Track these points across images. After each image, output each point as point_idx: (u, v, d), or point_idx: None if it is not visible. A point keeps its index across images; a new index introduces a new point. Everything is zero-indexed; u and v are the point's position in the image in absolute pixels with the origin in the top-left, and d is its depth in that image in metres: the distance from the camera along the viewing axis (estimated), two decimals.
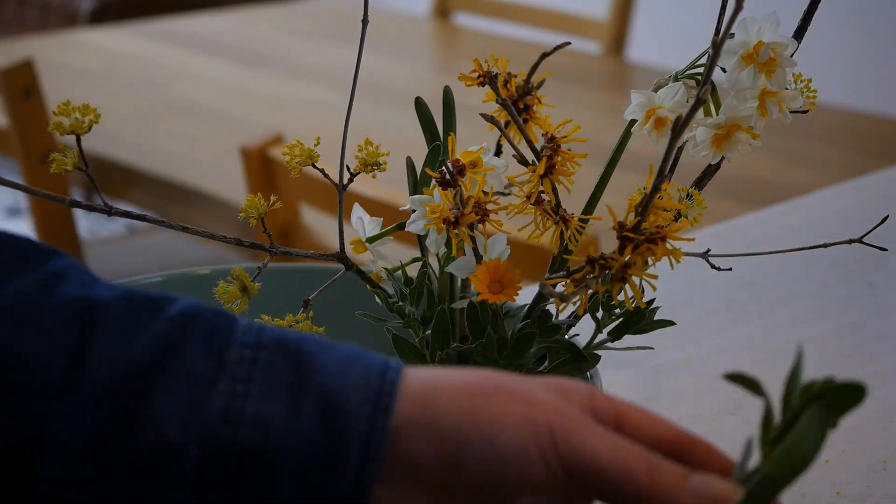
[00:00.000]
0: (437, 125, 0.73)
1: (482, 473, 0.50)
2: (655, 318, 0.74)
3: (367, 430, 0.50)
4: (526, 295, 0.73)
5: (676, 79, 0.71)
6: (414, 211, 0.69)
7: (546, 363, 0.72)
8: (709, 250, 0.77)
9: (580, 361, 0.72)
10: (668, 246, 0.64)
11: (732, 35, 0.68)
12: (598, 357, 0.73)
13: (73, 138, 0.66)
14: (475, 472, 0.50)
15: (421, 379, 0.51)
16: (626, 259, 0.64)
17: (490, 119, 0.69)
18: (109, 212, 0.68)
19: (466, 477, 0.50)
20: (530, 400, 0.50)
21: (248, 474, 0.49)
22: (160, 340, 0.51)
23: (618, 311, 0.73)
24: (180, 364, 0.50)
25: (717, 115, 0.71)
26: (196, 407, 0.49)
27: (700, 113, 0.70)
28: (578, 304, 0.68)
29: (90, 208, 0.68)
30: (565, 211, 0.69)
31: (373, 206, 0.92)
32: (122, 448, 0.49)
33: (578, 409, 0.52)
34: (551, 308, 0.71)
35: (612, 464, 0.50)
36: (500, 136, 0.71)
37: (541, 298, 0.70)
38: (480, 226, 0.68)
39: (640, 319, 0.73)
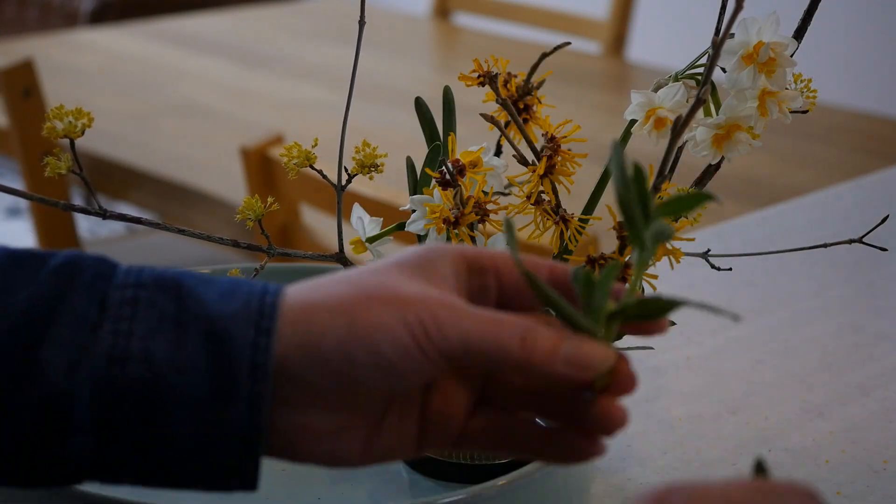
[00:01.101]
0: (437, 125, 0.73)
1: (373, 381, 0.52)
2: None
3: (252, 353, 0.51)
4: None
5: (676, 79, 0.71)
6: (414, 211, 0.69)
7: None
8: (709, 250, 0.77)
9: None
10: (668, 246, 0.64)
11: (732, 35, 0.68)
12: None
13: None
14: (366, 382, 0.52)
15: (299, 301, 0.52)
16: (626, 259, 0.64)
17: (490, 119, 0.69)
18: (104, 215, 0.68)
19: (359, 388, 0.52)
20: (400, 301, 0.51)
21: (142, 410, 0.50)
22: (43, 292, 0.52)
23: None
24: (64, 312, 0.51)
25: (717, 115, 0.71)
26: (82, 351, 0.50)
27: (700, 113, 0.70)
28: None
29: (85, 212, 0.68)
30: (565, 211, 0.69)
31: (373, 206, 0.92)
32: (17, 402, 0.50)
33: (448, 288, 0.53)
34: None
35: (483, 341, 0.51)
36: (500, 136, 0.71)
37: None
38: (480, 226, 0.68)
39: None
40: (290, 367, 0.51)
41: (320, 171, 0.73)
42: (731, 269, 0.82)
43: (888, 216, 0.83)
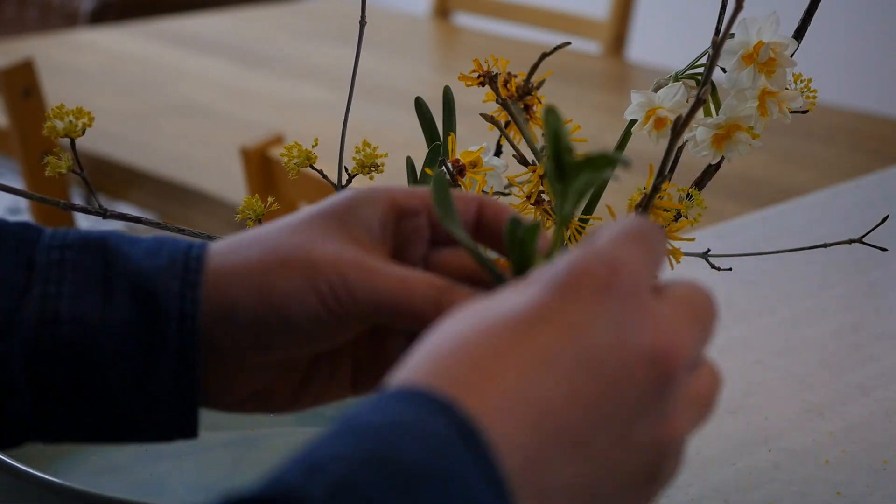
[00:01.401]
0: (437, 125, 0.73)
1: (289, 347, 0.52)
2: None
3: (180, 305, 0.51)
4: None
5: (676, 79, 0.71)
6: None
7: None
8: (709, 250, 0.77)
9: None
10: (668, 246, 0.64)
11: (732, 35, 0.68)
12: None
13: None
14: (282, 347, 0.52)
15: (217, 265, 0.53)
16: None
17: (490, 119, 0.69)
18: (104, 214, 0.68)
19: (276, 351, 0.53)
20: (311, 265, 0.51)
21: (75, 369, 0.51)
22: None
23: None
24: None
25: (717, 115, 0.71)
26: (12, 315, 0.51)
27: (700, 113, 0.70)
28: None
29: (85, 211, 0.68)
30: None
31: None
32: None
33: (370, 239, 0.53)
34: None
35: (396, 303, 0.51)
36: (500, 136, 0.71)
37: None
38: None
39: None
40: (208, 336, 0.52)
41: (320, 171, 0.73)
42: (731, 269, 0.82)
43: (888, 216, 0.83)
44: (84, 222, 3.39)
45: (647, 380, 0.43)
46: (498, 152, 0.72)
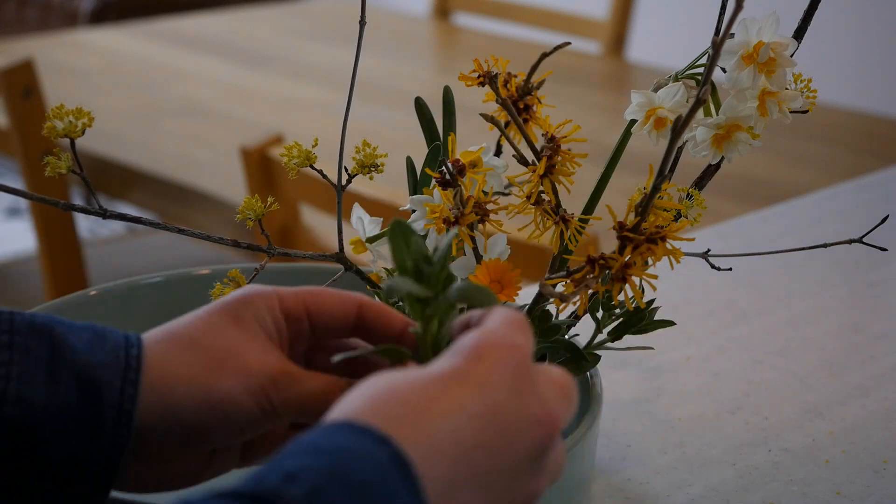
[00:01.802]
0: (437, 125, 0.73)
1: (223, 440, 0.59)
2: (655, 317, 0.74)
3: (119, 400, 0.56)
4: (526, 295, 0.73)
5: (676, 79, 0.71)
6: (414, 211, 0.69)
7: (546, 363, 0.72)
8: (709, 250, 0.77)
9: (580, 361, 0.72)
10: (668, 246, 0.64)
11: (732, 35, 0.68)
12: (598, 357, 0.73)
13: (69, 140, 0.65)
14: (216, 441, 0.59)
15: (158, 366, 0.58)
16: (626, 259, 0.64)
17: (490, 119, 0.69)
18: (104, 215, 0.68)
19: (209, 446, 0.59)
20: (245, 370, 0.58)
21: (19, 448, 0.55)
22: None
23: (618, 311, 0.73)
24: None
25: (717, 115, 0.70)
26: None
27: (700, 113, 0.70)
28: (578, 304, 0.68)
29: (85, 211, 0.68)
30: (565, 211, 0.69)
31: (373, 206, 0.92)
32: None
33: (276, 342, 0.60)
34: (551, 308, 0.71)
35: (318, 403, 0.58)
36: (500, 136, 0.71)
37: (541, 298, 0.70)
38: (480, 226, 0.68)
39: (640, 319, 0.73)
40: (147, 432, 0.57)
41: (320, 171, 0.73)
42: (731, 269, 0.82)
43: (888, 216, 0.83)
44: (84, 222, 3.39)
45: (535, 440, 0.53)
46: (498, 152, 0.72)
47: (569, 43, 0.71)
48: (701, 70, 0.70)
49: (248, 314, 0.60)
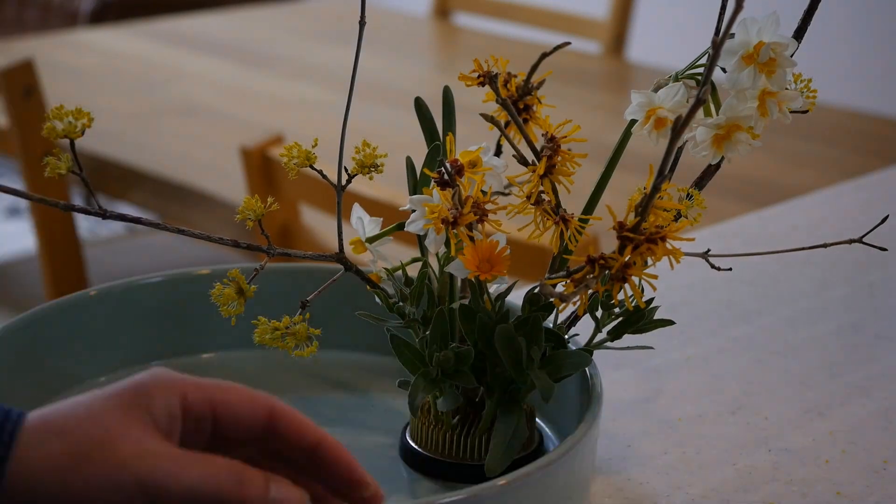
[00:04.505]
0: (436, 125, 0.73)
1: None
2: (655, 317, 0.74)
3: None
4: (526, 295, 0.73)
5: (676, 79, 0.71)
6: (413, 211, 0.69)
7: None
8: (709, 250, 0.77)
9: (580, 359, 0.72)
10: (668, 246, 0.64)
11: (732, 35, 0.68)
12: (591, 350, 0.73)
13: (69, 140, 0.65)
14: None
15: (23, 451, 0.54)
16: (626, 259, 0.64)
17: (490, 119, 0.69)
18: (104, 215, 0.68)
19: None
20: (117, 464, 0.54)
21: None
22: None
23: (617, 310, 0.73)
24: None
25: (717, 115, 0.70)
26: None
27: (700, 113, 0.70)
28: (578, 304, 0.68)
29: (85, 212, 0.68)
30: (565, 211, 0.69)
31: (372, 206, 0.92)
32: None
33: (165, 430, 0.56)
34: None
35: (203, 489, 0.55)
36: (500, 136, 0.71)
37: (539, 297, 0.70)
38: (480, 226, 0.68)
39: (640, 319, 0.73)
40: None
41: (320, 171, 0.73)
42: (731, 269, 0.82)
43: (888, 216, 0.83)
44: (84, 223, 3.39)
45: None
46: (498, 152, 0.72)
47: (569, 43, 0.71)
48: (701, 70, 0.70)
49: (138, 402, 0.56)
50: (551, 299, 0.68)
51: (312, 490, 0.60)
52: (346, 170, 0.72)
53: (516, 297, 0.75)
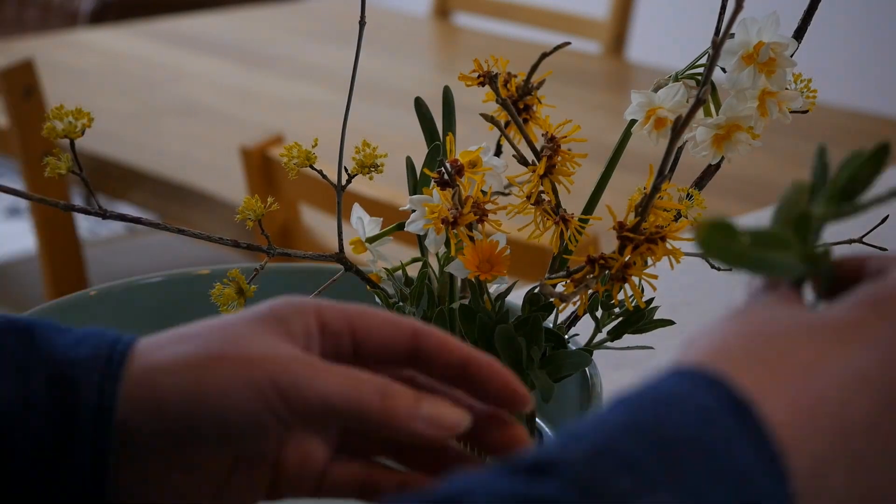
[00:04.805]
0: (436, 125, 0.73)
1: (219, 448, 0.50)
2: (655, 317, 0.74)
3: (98, 398, 0.50)
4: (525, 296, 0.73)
5: (676, 79, 0.71)
6: (413, 211, 0.69)
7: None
8: None
9: (580, 359, 0.72)
10: (668, 246, 0.64)
11: (732, 35, 0.68)
12: (591, 350, 0.73)
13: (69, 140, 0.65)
14: (211, 446, 0.50)
15: (146, 359, 0.51)
16: (626, 259, 0.64)
17: (490, 119, 0.69)
18: (104, 215, 0.68)
19: (203, 451, 0.50)
20: (251, 361, 0.50)
21: None
22: None
23: (617, 310, 0.73)
24: None
25: (717, 115, 0.70)
26: None
27: (700, 113, 0.70)
28: (578, 304, 0.68)
29: (85, 212, 0.68)
30: (565, 211, 0.69)
31: (372, 206, 0.92)
32: None
33: (302, 346, 0.52)
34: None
35: (343, 399, 0.50)
36: (500, 136, 0.71)
37: (539, 296, 0.70)
38: (480, 226, 0.68)
39: (640, 319, 0.73)
40: (132, 430, 0.50)
41: (320, 171, 0.73)
42: (731, 269, 0.81)
43: (888, 216, 0.83)
44: (84, 222, 3.39)
45: None
46: (498, 152, 0.72)
47: (569, 43, 0.71)
48: (701, 70, 0.70)
49: (274, 317, 0.52)
50: (551, 299, 0.68)
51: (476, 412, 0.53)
52: (346, 170, 0.72)
53: (516, 297, 0.75)
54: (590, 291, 0.65)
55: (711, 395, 0.40)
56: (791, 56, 0.68)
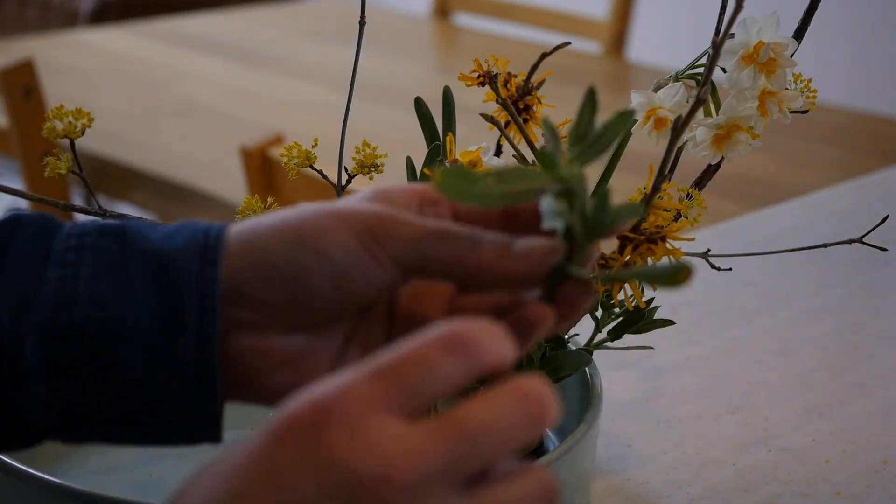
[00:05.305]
0: (436, 125, 0.73)
1: (327, 291, 0.51)
2: (655, 317, 0.74)
3: (200, 284, 0.50)
4: None
5: (676, 79, 0.71)
6: None
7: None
8: (709, 250, 0.77)
9: (580, 359, 0.72)
10: (668, 246, 0.64)
11: (732, 35, 0.68)
12: (591, 350, 0.73)
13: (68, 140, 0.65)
14: (320, 293, 0.51)
15: (246, 226, 0.52)
16: (626, 259, 0.64)
17: (490, 119, 0.69)
18: (104, 215, 0.68)
19: (314, 300, 0.51)
20: (347, 213, 0.51)
21: (92, 353, 0.50)
22: None
23: (617, 310, 0.73)
24: (7, 262, 0.51)
25: (717, 115, 0.70)
26: (27, 297, 0.50)
27: (700, 113, 0.70)
28: None
29: (85, 211, 0.68)
30: None
31: None
32: None
33: (401, 209, 0.53)
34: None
35: (433, 243, 0.51)
36: (500, 136, 0.71)
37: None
38: None
39: (640, 319, 0.73)
40: (242, 286, 0.51)
41: (320, 171, 0.73)
42: (731, 269, 0.82)
43: (888, 216, 0.83)
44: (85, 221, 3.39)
45: None
46: (498, 152, 0.72)
47: (569, 43, 0.71)
48: (701, 70, 0.70)
49: (373, 194, 0.53)
50: None
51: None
52: (346, 170, 0.72)
53: None
54: None
55: None
56: (791, 56, 0.68)
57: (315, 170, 0.72)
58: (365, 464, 0.41)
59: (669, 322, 0.74)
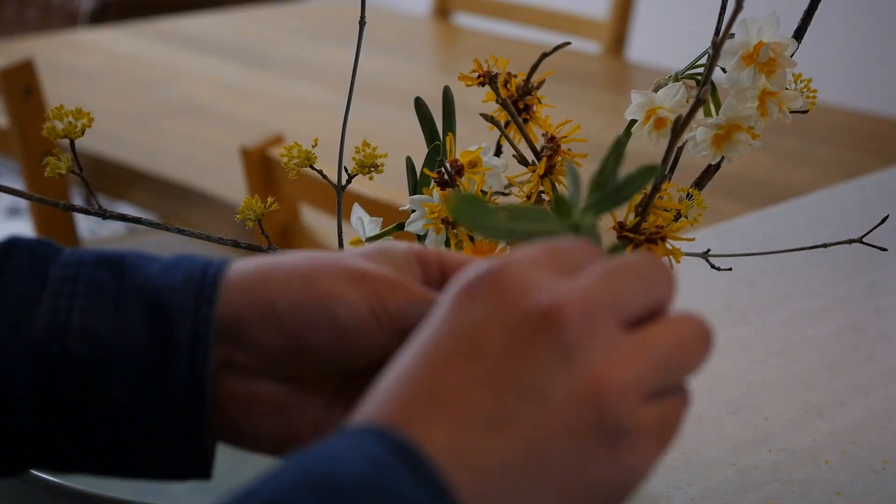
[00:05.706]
0: (436, 125, 0.73)
1: (326, 347, 0.51)
2: None
3: (194, 323, 0.50)
4: None
5: (676, 79, 0.71)
6: (413, 211, 0.69)
7: None
8: (709, 250, 0.77)
9: None
10: (668, 246, 0.64)
11: (732, 35, 0.68)
12: None
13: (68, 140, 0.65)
14: (319, 347, 0.51)
15: (250, 268, 0.52)
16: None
17: (490, 119, 0.69)
18: (104, 215, 0.68)
19: (312, 353, 0.51)
20: (358, 273, 0.51)
21: (82, 386, 0.49)
22: None
23: None
24: (1, 288, 0.51)
25: (717, 115, 0.70)
26: (20, 326, 0.50)
27: (700, 113, 0.70)
28: None
29: (85, 212, 0.68)
30: None
31: (373, 206, 0.92)
32: None
33: (404, 271, 0.53)
34: None
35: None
36: (500, 136, 0.71)
37: None
38: None
39: None
40: (240, 327, 0.51)
41: (320, 171, 0.73)
42: (731, 269, 0.82)
43: (888, 216, 0.83)
44: (84, 222, 3.39)
45: (539, 337, 0.44)
46: (498, 152, 0.72)
47: (569, 43, 0.71)
48: (701, 70, 0.70)
49: (370, 247, 0.54)
50: None
51: None
52: (346, 170, 0.72)
53: None
54: None
55: (379, 445, 0.42)
56: (791, 56, 0.68)
57: (315, 170, 0.72)
58: (541, 297, 0.44)
59: None
